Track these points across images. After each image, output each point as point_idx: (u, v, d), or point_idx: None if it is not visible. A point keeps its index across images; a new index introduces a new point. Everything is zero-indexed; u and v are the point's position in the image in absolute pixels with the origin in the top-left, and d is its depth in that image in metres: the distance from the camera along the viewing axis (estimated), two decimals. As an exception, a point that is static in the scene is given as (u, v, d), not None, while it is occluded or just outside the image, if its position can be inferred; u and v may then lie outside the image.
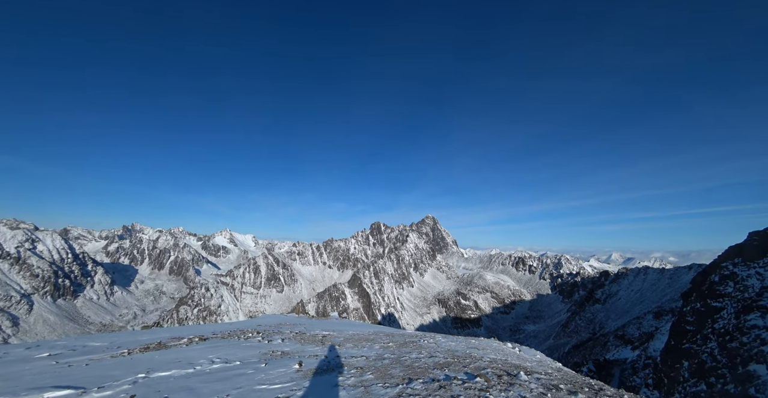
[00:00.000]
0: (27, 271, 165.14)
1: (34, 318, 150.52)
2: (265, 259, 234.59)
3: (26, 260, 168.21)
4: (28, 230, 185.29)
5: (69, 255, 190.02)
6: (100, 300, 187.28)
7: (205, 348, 12.58)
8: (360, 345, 14.07)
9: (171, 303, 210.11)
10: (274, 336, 17.87)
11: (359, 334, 19.58)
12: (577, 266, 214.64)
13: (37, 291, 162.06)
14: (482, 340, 18.13)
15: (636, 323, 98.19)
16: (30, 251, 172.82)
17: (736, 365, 29.80)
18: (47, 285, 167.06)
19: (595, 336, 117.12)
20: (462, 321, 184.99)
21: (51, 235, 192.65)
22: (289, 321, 35.82)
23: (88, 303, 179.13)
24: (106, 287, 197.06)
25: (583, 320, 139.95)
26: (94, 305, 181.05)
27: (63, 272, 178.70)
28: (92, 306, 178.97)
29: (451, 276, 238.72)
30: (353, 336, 18.44)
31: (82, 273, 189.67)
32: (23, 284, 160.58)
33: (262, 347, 13.40)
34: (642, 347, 58.72)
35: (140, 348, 12.40)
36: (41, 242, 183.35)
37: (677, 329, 41.69)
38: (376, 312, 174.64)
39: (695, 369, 34.41)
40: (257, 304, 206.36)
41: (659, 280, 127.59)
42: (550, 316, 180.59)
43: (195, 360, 9.18)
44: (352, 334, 19.36)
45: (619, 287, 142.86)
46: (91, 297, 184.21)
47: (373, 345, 13.98)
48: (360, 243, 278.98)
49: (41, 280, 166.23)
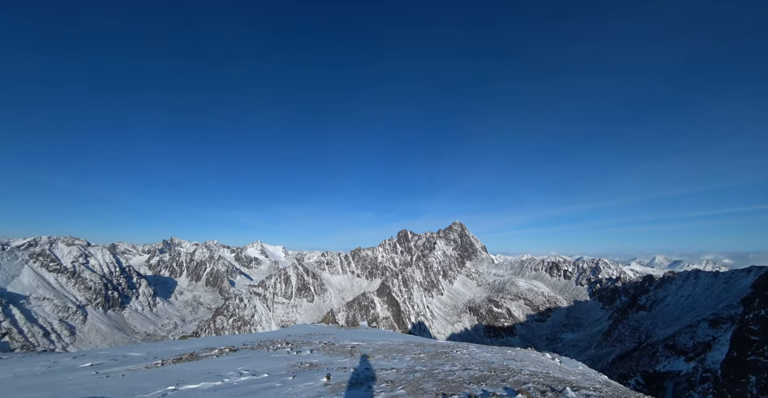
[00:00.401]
0: (81, 284, 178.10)
1: (88, 327, 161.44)
2: (295, 269, 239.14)
3: (80, 273, 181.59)
4: (82, 246, 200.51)
5: (117, 269, 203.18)
6: (144, 310, 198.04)
7: (235, 360, 12.62)
8: (390, 356, 13.57)
9: (208, 313, 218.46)
10: (303, 346, 17.68)
11: (389, 344, 18.96)
12: (617, 270, 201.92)
13: (90, 303, 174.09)
14: (519, 350, 17.06)
15: (689, 332, 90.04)
16: (83, 266, 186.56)
17: (816, 380, 26.29)
18: (99, 297, 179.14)
19: (641, 346, 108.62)
20: (495, 329, 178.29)
21: (101, 250, 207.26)
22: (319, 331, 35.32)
23: (134, 314, 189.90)
24: (150, 298, 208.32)
25: (627, 328, 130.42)
26: (139, 315, 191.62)
27: (112, 284, 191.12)
28: (137, 317, 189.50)
29: (481, 283, 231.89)
30: (383, 346, 17.89)
31: (128, 286, 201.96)
32: (78, 296, 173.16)
33: (290, 358, 13.26)
34: (698, 358, 53.59)
35: (173, 359, 12.64)
36: (93, 257, 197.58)
37: (740, 339, 37.65)
38: (406, 321, 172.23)
39: (764, 385, 30.77)
40: (289, 314, 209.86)
41: (713, 284, 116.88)
42: (590, 324, 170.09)
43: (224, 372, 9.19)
44: (382, 344, 18.79)
45: (666, 292, 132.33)
46: (137, 308, 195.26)
47: (403, 356, 13.44)
48: (387, 252, 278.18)
49: (93, 292, 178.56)
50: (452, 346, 18.46)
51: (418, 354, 13.93)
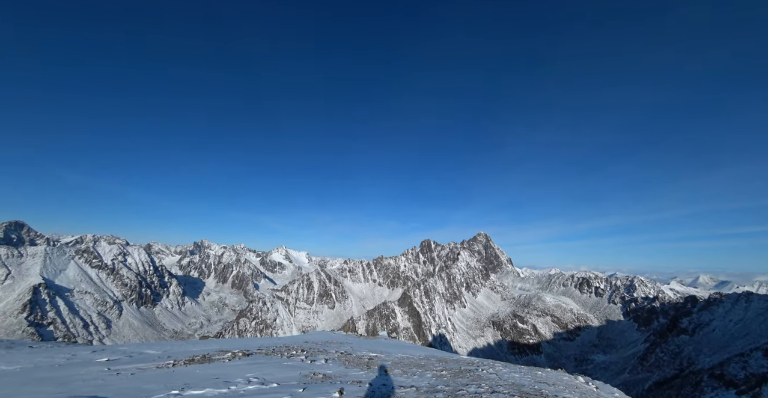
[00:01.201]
0: (119, 280, 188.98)
1: (122, 322, 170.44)
2: (317, 275, 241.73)
3: (119, 270, 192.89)
4: (121, 245, 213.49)
5: (150, 268, 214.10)
6: (173, 309, 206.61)
7: (246, 365, 12.46)
8: (410, 371, 12.87)
9: (232, 314, 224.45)
10: (319, 355, 17.14)
11: (409, 358, 18.28)
12: (655, 289, 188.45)
13: (125, 298, 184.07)
14: (550, 372, 15.88)
15: (739, 361, 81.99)
16: (122, 263, 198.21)
17: None
18: (133, 294, 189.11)
19: (683, 373, 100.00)
20: (519, 346, 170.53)
21: (138, 250, 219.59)
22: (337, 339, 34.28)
23: (164, 312, 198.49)
24: (179, 297, 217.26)
25: (666, 353, 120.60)
26: (169, 313, 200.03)
27: (146, 282, 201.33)
28: (167, 314, 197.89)
29: (506, 297, 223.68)
30: (402, 359, 17.23)
31: (160, 284, 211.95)
32: (116, 291, 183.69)
33: (303, 367, 12.88)
34: (752, 392, 48.42)
35: (186, 360, 12.76)
36: (130, 256, 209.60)
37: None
38: (427, 333, 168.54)
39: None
40: (309, 319, 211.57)
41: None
42: (623, 346, 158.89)
43: (232, 378, 9.17)
44: (401, 357, 18.16)
45: (712, 316, 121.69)
46: (167, 306, 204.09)
47: (424, 372, 12.71)
48: (410, 261, 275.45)
49: (129, 289, 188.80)
50: (476, 364, 17.54)
51: (440, 370, 13.17)
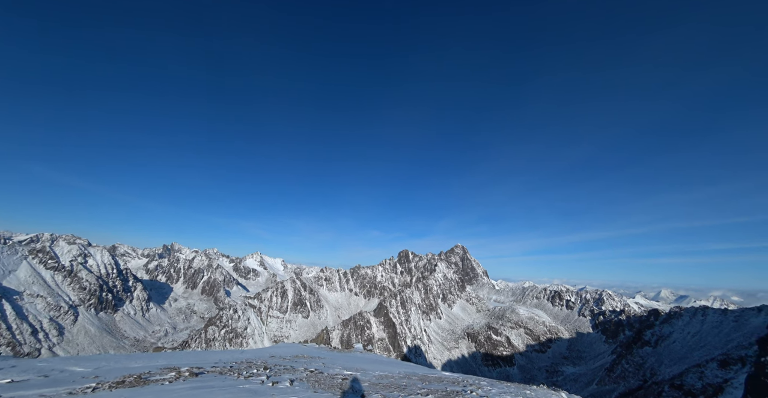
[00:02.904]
0: (77, 284, 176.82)
1: (77, 328, 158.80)
2: (292, 283, 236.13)
3: (77, 273, 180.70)
4: (83, 246, 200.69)
5: (114, 271, 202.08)
6: (136, 315, 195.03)
7: (188, 390, 10.66)
8: (390, 395, 11.77)
9: (200, 322, 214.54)
10: (284, 374, 15.12)
11: (388, 376, 17.16)
12: (621, 302, 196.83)
13: (83, 303, 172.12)
14: (538, 390, 15.76)
15: (696, 372, 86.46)
16: (81, 265, 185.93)
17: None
18: (92, 298, 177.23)
19: (646, 384, 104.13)
20: (493, 358, 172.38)
21: (101, 251, 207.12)
22: (308, 353, 31.55)
23: (126, 318, 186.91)
24: (143, 303, 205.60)
25: (631, 364, 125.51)
26: (131, 320, 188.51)
27: (107, 286, 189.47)
28: (129, 321, 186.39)
29: (481, 309, 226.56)
30: (380, 379, 16.05)
31: (123, 288, 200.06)
32: (72, 295, 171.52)
33: (261, 392, 11.13)
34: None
35: (113, 383, 11.01)
36: (92, 257, 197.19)
37: (755, 383, 36.02)
38: (402, 344, 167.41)
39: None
40: (282, 329, 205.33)
41: (722, 323, 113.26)
42: (592, 358, 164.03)
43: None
44: (379, 376, 17.01)
45: (672, 328, 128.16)
46: (129, 312, 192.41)
47: (407, 396, 11.74)
48: (387, 271, 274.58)
49: (88, 293, 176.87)
50: (461, 383, 16.58)
51: (425, 394, 12.13)
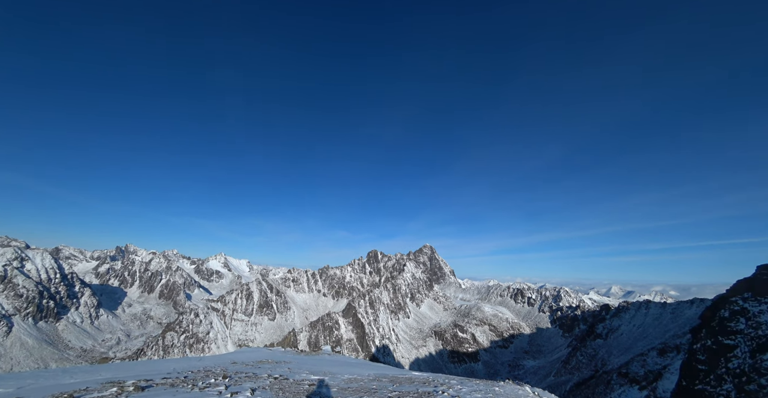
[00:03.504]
0: (11, 291, 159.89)
1: (11, 340, 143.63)
2: (258, 285, 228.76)
3: (12, 279, 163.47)
4: (19, 248, 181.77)
5: (57, 275, 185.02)
6: (83, 323, 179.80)
7: None
8: None
9: (158, 328, 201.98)
10: (245, 382, 13.75)
11: (357, 380, 16.79)
12: (577, 299, 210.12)
13: (18, 312, 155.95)
14: (506, 386, 16.11)
15: (640, 360, 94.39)
16: (17, 270, 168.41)
17: (750, 405, 28.46)
18: (30, 306, 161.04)
19: (597, 374, 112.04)
20: (459, 354, 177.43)
21: (41, 254, 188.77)
22: (273, 358, 29.51)
23: (71, 326, 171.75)
24: (92, 309, 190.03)
25: (585, 356, 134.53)
26: (77, 328, 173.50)
27: (49, 292, 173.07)
28: (74, 330, 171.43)
29: (448, 308, 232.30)
30: (350, 383, 15.59)
31: (68, 295, 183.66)
32: (5, 304, 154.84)
33: None
34: (650, 387, 56.16)
35: None
36: (30, 261, 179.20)
37: (689, 368, 40.14)
38: (370, 344, 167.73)
39: (707, 410, 32.78)
40: (247, 332, 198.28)
41: (661, 315, 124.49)
42: (551, 351, 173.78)
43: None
44: (349, 380, 16.61)
45: (620, 321, 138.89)
46: (75, 320, 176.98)
47: None
48: (356, 271, 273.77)
49: (25, 301, 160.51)
50: (432, 383, 16.37)
51: (395, 397, 11.67)
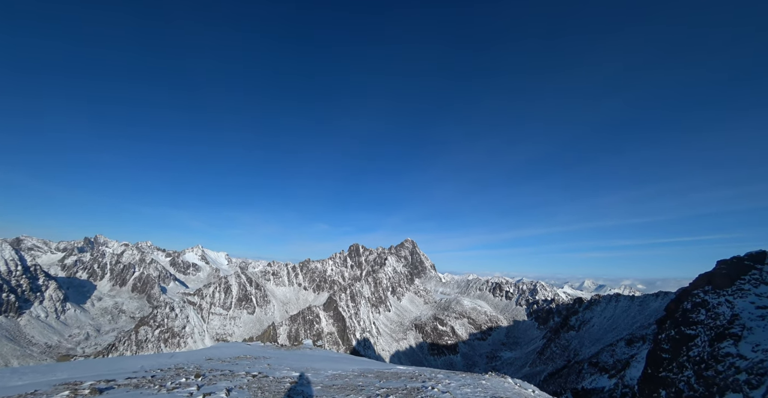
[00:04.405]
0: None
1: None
2: (237, 278, 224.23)
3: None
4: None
5: (18, 267, 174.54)
6: (48, 318, 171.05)
7: None
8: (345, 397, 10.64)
9: (131, 322, 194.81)
10: (221, 381, 12.66)
11: (341, 376, 16.11)
12: (552, 292, 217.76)
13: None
14: (491, 379, 15.76)
15: (609, 350, 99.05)
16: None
17: (713, 394, 30.10)
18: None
19: (570, 364, 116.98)
20: (439, 347, 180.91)
21: (0, 244, 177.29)
22: (251, 353, 27.88)
23: (34, 321, 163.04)
24: (57, 304, 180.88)
25: (558, 347, 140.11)
26: (41, 323, 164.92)
27: (9, 286, 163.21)
28: (38, 325, 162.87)
29: (428, 301, 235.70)
30: (334, 379, 14.87)
31: (31, 288, 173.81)
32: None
33: None
34: (618, 375, 58.81)
35: None
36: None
37: (653, 357, 42.14)
38: (351, 337, 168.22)
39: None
40: (225, 326, 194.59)
41: (630, 307, 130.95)
42: (527, 343, 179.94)
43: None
44: (332, 376, 15.89)
45: (592, 314, 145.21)
46: (38, 315, 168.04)
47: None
48: (338, 265, 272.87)
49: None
50: (419, 377, 15.69)
51: (384, 395, 11.02)
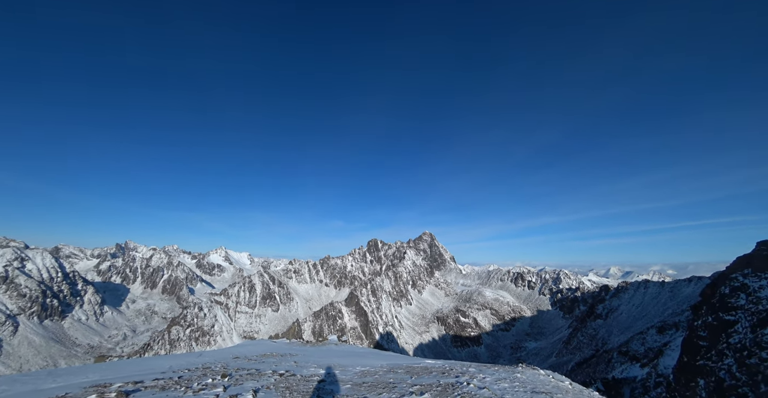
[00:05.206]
0: (14, 291, 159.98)
1: (18, 340, 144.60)
2: (260, 277, 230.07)
3: (14, 279, 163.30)
4: (18, 249, 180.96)
5: (59, 274, 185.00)
6: (89, 320, 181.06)
7: None
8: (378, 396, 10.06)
9: (163, 323, 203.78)
10: (247, 381, 12.23)
11: (370, 372, 15.43)
12: (576, 281, 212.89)
13: (23, 312, 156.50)
14: (525, 371, 14.62)
15: (639, 338, 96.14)
16: (18, 270, 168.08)
17: (758, 383, 28.77)
18: (34, 306, 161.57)
19: (598, 353, 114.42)
20: (462, 339, 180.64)
21: (41, 253, 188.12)
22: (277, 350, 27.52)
23: (76, 324, 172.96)
24: (96, 307, 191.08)
25: (585, 336, 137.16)
26: (83, 326, 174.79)
27: (51, 291, 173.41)
28: (80, 327, 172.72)
29: (449, 293, 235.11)
30: (363, 376, 14.20)
31: (71, 293, 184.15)
32: (9, 304, 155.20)
33: None
34: (651, 364, 57.10)
35: None
36: (30, 261, 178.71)
37: (689, 344, 40.57)
38: (374, 331, 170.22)
39: (713, 388, 33.20)
40: (252, 324, 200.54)
41: (660, 294, 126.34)
42: (552, 332, 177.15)
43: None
44: (361, 373, 15.28)
45: (620, 301, 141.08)
46: (80, 318, 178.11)
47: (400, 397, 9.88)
48: (357, 261, 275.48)
49: (28, 300, 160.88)
50: (451, 372, 14.59)
51: (419, 392, 10.26)
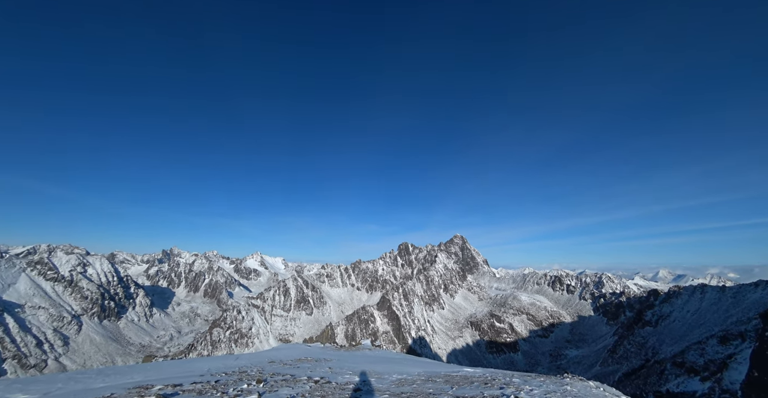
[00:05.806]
0: (78, 293, 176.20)
1: (82, 338, 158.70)
2: (294, 281, 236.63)
3: (78, 282, 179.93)
4: (81, 255, 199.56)
5: (114, 278, 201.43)
6: (140, 321, 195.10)
7: None
8: None
9: (205, 325, 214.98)
10: (282, 388, 12.24)
11: (408, 380, 14.95)
12: (621, 284, 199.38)
13: (85, 312, 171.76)
14: (575, 384, 13.52)
15: (697, 349, 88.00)
16: (81, 275, 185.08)
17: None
18: (95, 307, 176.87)
19: (648, 364, 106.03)
20: (497, 345, 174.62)
21: (100, 259, 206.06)
22: (312, 355, 28.68)
23: (130, 325, 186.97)
24: (146, 309, 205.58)
25: (633, 344, 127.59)
26: (135, 326, 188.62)
27: (109, 294, 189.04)
28: (133, 328, 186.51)
29: (483, 297, 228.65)
30: (400, 385, 13.76)
31: (125, 295, 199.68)
32: (74, 305, 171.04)
33: None
34: (714, 378, 52.06)
35: None
36: (91, 266, 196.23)
37: (760, 357, 36.62)
38: (407, 336, 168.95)
39: (781, 402, 29.74)
40: (287, 327, 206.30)
41: (720, 299, 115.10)
42: (594, 340, 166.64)
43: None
44: (398, 381, 14.82)
45: (672, 307, 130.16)
46: (133, 319, 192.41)
47: None
48: (388, 265, 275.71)
49: (90, 302, 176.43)
50: (493, 382, 13.95)
51: None
